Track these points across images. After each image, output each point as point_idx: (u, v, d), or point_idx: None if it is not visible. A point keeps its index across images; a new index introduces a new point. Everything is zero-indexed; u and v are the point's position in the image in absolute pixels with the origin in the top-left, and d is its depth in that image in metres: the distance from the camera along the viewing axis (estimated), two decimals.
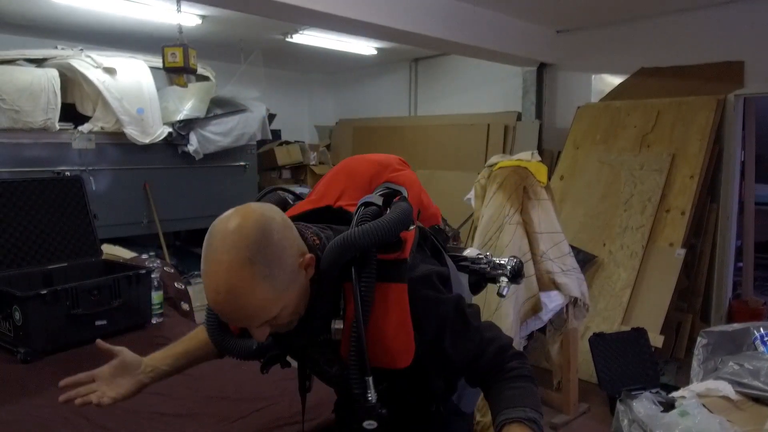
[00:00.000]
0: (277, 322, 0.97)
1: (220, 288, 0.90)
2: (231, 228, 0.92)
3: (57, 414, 1.71)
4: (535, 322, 3.10)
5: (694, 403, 1.67)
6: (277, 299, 0.94)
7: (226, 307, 0.92)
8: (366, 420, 0.98)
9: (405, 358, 1.00)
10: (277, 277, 0.92)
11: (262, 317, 0.94)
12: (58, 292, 2.20)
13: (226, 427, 1.65)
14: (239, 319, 0.96)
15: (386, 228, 0.99)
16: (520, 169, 3.19)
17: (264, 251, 0.91)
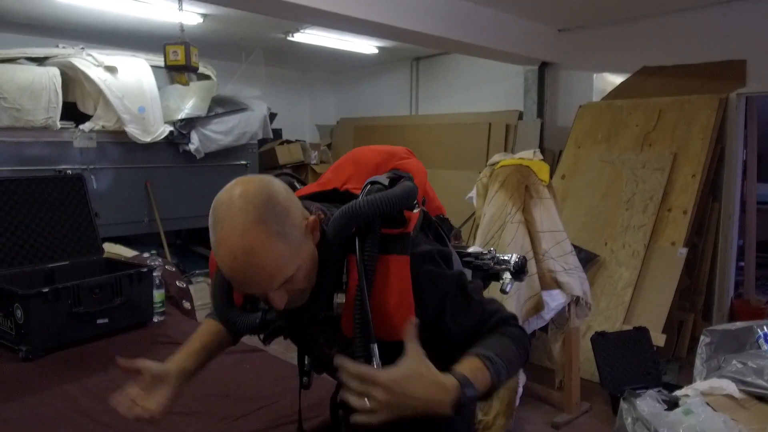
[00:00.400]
0: (294, 286, 0.98)
1: (236, 252, 0.90)
2: (235, 195, 0.93)
3: (58, 412, 1.71)
4: (537, 321, 3.10)
5: (698, 401, 1.67)
6: (293, 256, 0.95)
7: (244, 270, 0.92)
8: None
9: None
10: (290, 234, 0.94)
11: (280, 277, 0.94)
12: (60, 291, 2.20)
13: (227, 425, 1.64)
14: (258, 281, 0.94)
15: (391, 200, 1.01)
16: (522, 167, 3.19)
17: (272, 209, 0.93)
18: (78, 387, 1.88)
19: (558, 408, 3.37)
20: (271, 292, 0.97)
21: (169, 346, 2.28)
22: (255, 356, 2.18)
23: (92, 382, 1.93)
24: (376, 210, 1.00)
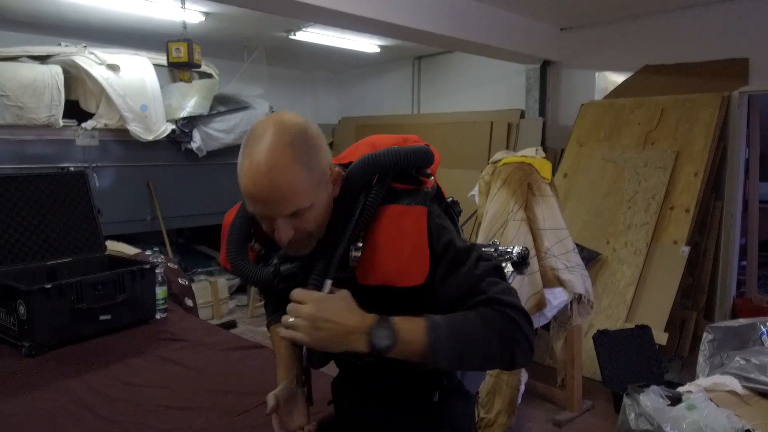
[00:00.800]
0: (302, 223, 1.00)
1: (261, 167, 0.94)
2: (274, 120, 0.99)
3: (62, 407, 1.71)
4: (539, 319, 3.09)
5: (701, 396, 1.66)
6: (310, 190, 0.98)
7: (263, 185, 0.95)
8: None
9: (419, 276, 1.01)
10: (313, 169, 0.98)
11: (294, 202, 0.97)
12: (63, 287, 2.20)
13: (230, 420, 1.64)
14: (273, 200, 0.96)
15: (409, 153, 1.07)
16: (524, 165, 3.19)
17: (303, 140, 0.98)
18: (81, 382, 1.88)
19: (560, 406, 3.37)
20: (280, 219, 0.98)
21: (172, 342, 2.29)
22: (258, 353, 2.18)
23: (95, 377, 1.93)
24: (394, 159, 1.05)
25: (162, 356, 2.12)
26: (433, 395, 1.23)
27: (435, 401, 1.23)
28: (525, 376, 3.11)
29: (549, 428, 3.21)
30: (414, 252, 1.01)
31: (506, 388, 2.94)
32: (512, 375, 2.96)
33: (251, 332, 4.64)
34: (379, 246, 1.04)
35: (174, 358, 2.09)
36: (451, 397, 1.24)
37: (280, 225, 0.99)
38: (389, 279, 1.02)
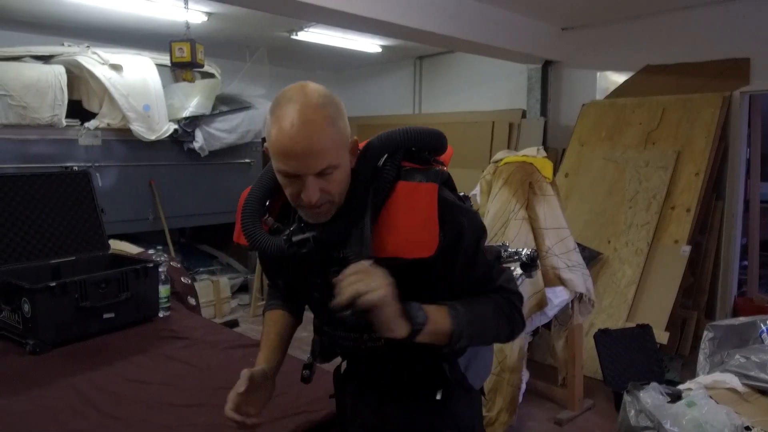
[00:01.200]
0: (329, 184, 1.03)
1: (295, 122, 0.98)
2: (300, 86, 1.04)
3: (66, 404, 1.72)
4: (540, 318, 3.11)
5: (701, 393, 1.67)
6: (339, 149, 1.03)
7: (300, 139, 0.98)
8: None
9: (430, 247, 1.04)
10: (341, 130, 1.04)
11: (326, 158, 1.00)
12: (67, 285, 2.22)
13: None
14: (308, 154, 0.99)
15: (423, 132, 1.14)
16: (525, 164, 3.20)
17: (332, 103, 1.03)
18: (85, 380, 1.90)
19: (561, 405, 3.38)
20: (310, 177, 1.01)
21: (175, 340, 2.30)
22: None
23: (99, 375, 1.94)
24: (408, 136, 1.12)
25: (165, 354, 2.14)
26: (435, 394, 1.23)
27: (438, 400, 1.23)
28: (526, 374, 3.12)
29: (550, 427, 3.22)
30: (424, 225, 1.05)
31: (507, 387, 2.95)
32: (513, 374, 2.97)
33: (253, 331, 4.66)
34: (391, 220, 1.07)
35: (177, 356, 2.10)
36: (454, 395, 1.25)
37: (310, 183, 1.01)
38: (399, 251, 1.05)
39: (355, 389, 1.35)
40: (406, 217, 1.07)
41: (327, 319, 1.25)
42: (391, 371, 1.24)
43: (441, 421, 1.26)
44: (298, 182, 1.03)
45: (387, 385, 1.26)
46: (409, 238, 1.06)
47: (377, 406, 1.28)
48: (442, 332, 1.04)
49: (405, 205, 1.07)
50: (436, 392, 1.23)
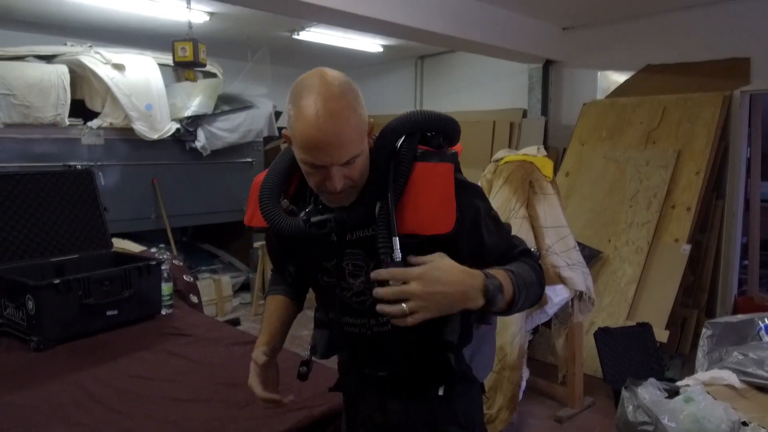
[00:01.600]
0: (352, 171, 1.05)
1: (320, 112, 0.98)
2: (319, 73, 1.03)
3: (70, 399, 1.75)
4: (541, 316, 3.12)
5: (698, 389, 1.69)
6: (362, 137, 1.04)
7: (327, 130, 0.98)
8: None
9: (448, 224, 1.07)
10: (361, 116, 1.04)
11: (350, 149, 1.02)
12: (71, 282, 2.24)
13: (235, 412, 1.67)
14: (332, 146, 1.00)
15: (438, 115, 1.16)
16: (526, 163, 3.21)
17: (351, 90, 1.03)
18: (89, 375, 1.92)
19: (561, 402, 3.40)
20: (334, 167, 1.02)
21: (177, 337, 2.32)
22: None
23: (103, 371, 1.96)
24: (425, 118, 1.14)
25: (168, 350, 2.16)
26: (438, 389, 1.24)
27: (440, 395, 1.24)
28: (526, 372, 3.14)
29: (550, 424, 3.23)
30: (442, 202, 1.08)
31: (508, 385, 2.97)
32: (514, 371, 2.99)
33: (255, 330, 4.66)
34: (410, 199, 1.09)
35: (180, 352, 2.13)
36: (455, 390, 1.25)
37: (335, 173, 1.03)
38: (419, 228, 1.08)
39: (358, 386, 1.35)
40: (425, 196, 1.09)
41: (334, 305, 1.26)
42: (395, 360, 1.24)
43: (443, 416, 1.27)
44: (322, 171, 1.04)
45: (390, 378, 1.27)
46: (428, 215, 1.08)
47: (380, 403, 1.29)
48: (507, 299, 1.06)
49: (423, 184, 1.10)
50: (438, 387, 1.24)
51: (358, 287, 1.19)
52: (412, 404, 1.27)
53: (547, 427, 3.22)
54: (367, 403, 1.33)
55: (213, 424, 1.61)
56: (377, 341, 1.23)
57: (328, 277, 1.23)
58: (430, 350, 1.21)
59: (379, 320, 1.19)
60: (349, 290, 1.20)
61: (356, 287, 1.19)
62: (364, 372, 1.31)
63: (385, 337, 1.21)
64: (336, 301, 1.24)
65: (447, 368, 1.21)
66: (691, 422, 1.55)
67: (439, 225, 1.07)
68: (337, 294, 1.23)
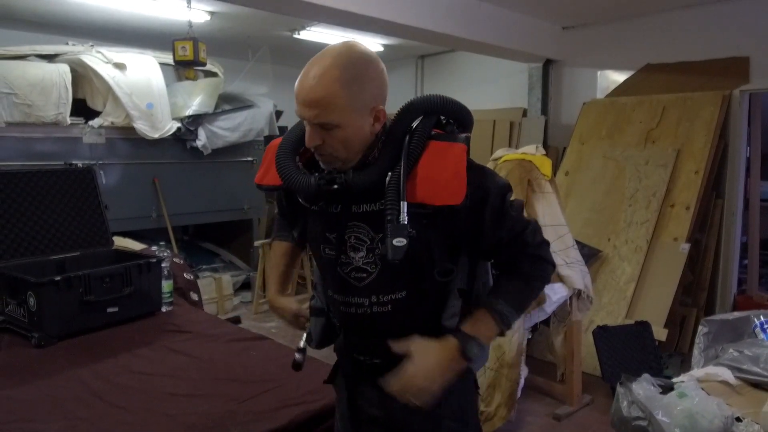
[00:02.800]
0: (330, 139, 1.11)
1: (309, 73, 1.10)
2: (343, 44, 1.15)
3: (71, 394, 1.77)
4: (539, 314, 3.13)
5: (692, 385, 1.70)
6: (343, 111, 1.09)
7: (304, 88, 1.09)
8: (396, 237, 1.07)
9: (459, 196, 1.11)
10: (354, 95, 1.09)
11: (323, 113, 1.08)
12: (71, 279, 2.26)
13: (235, 406, 1.69)
14: (307, 101, 1.09)
15: (457, 103, 1.21)
16: (524, 162, 3.22)
17: (355, 68, 1.10)
18: (89, 371, 1.94)
19: (559, 400, 3.41)
20: (309, 124, 1.12)
21: (177, 334, 2.34)
22: (260, 344, 2.24)
23: (103, 366, 1.99)
24: (443, 103, 1.19)
25: (168, 347, 2.18)
26: None
27: None
28: (525, 370, 3.15)
29: (548, 422, 3.25)
30: (453, 176, 1.12)
31: (506, 382, 2.98)
32: (512, 369, 3.00)
33: (256, 328, 4.69)
34: (422, 170, 1.13)
35: (180, 349, 2.15)
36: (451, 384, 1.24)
37: (309, 129, 1.12)
38: (428, 198, 1.11)
39: (353, 380, 1.34)
40: (437, 169, 1.13)
41: (334, 282, 1.27)
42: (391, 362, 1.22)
43: (441, 411, 1.27)
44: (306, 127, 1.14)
45: (384, 366, 1.23)
46: (438, 186, 1.12)
47: (378, 399, 1.28)
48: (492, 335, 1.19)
49: (436, 160, 1.14)
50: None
51: (358, 262, 1.20)
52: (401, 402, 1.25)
53: (545, 424, 3.23)
54: (363, 399, 1.33)
55: (212, 418, 1.63)
56: (375, 322, 1.23)
57: (330, 250, 1.24)
58: (432, 336, 1.21)
59: (380, 299, 1.21)
60: (348, 265, 1.21)
61: (356, 262, 1.20)
62: (358, 361, 1.30)
63: (384, 318, 1.22)
64: (335, 277, 1.25)
65: None
66: (684, 417, 1.56)
67: (448, 196, 1.10)
68: (336, 269, 1.24)
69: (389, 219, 1.08)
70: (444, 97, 1.20)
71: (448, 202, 1.10)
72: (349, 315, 1.26)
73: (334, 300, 1.28)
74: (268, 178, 1.28)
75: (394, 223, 1.07)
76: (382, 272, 1.18)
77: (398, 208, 1.08)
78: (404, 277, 1.17)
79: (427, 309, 1.22)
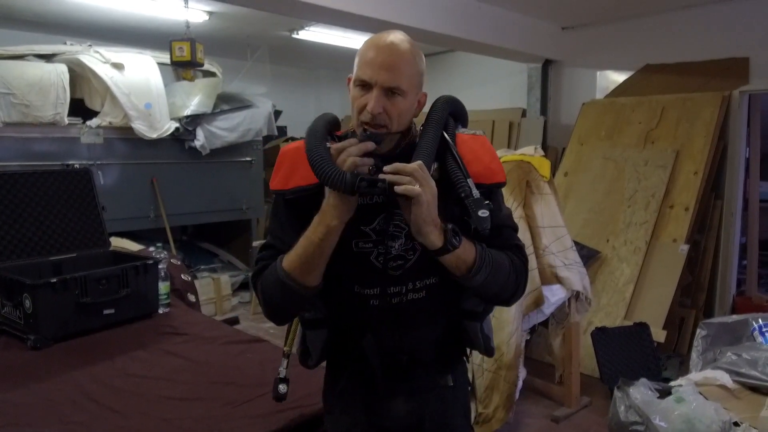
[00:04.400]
0: (391, 106, 1.12)
1: (387, 40, 1.14)
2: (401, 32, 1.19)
3: (66, 397, 1.76)
4: (538, 316, 3.13)
5: (690, 389, 1.69)
6: (411, 79, 1.14)
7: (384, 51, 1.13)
8: (480, 209, 1.11)
9: (502, 175, 1.22)
10: (418, 72, 1.17)
11: (398, 78, 1.12)
12: (68, 281, 2.25)
13: (230, 410, 1.68)
14: (385, 66, 1.11)
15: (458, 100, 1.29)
16: (523, 163, 3.21)
17: (417, 49, 1.18)
18: (85, 374, 1.93)
19: (558, 402, 3.40)
20: (378, 88, 1.11)
21: (174, 336, 2.33)
22: (258, 346, 2.23)
23: (99, 369, 1.98)
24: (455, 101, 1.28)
25: (164, 349, 2.17)
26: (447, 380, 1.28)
27: (450, 386, 1.28)
28: (523, 372, 3.14)
29: (547, 424, 3.24)
30: (492, 159, 1.22)
31: (504, 384, 2.97)
32: (510, 371, 2.99)
33: (254, 329, 4.69)
34: (467, 155, 1.19)
35: (176, 351, 2.14)
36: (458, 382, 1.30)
37: (377, 94, 1.11)
38: (483, 177, 1.18)
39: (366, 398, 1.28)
40: (477, 154, 1.20)
41: (365, 276, 1.20)
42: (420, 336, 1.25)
43: (454, 410, 1.30)
44: (367, 95, 1.12)
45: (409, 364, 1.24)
46: (486, 167, 1.19)
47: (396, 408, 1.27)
48: (465, 260, 1.12)
49: (470, 147, 1.21)
50: (447, 377, 1.28)
51: (397, 250, 1.19)
52: (426, 402, 1.27)
53: (543, 426, 3.22)
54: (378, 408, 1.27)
55: (208, 422, 1.62)
56: (407, 312, 1.22)
57: (364, 243, 1.18)
58: (453, 324, 1.27)
59: (416, 285, 1.21)
60: (385, 255, 1.19)
61: (395, 250, 1.19)
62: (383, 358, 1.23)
63: (418, 305, 1.22)
64: (369, 270, 1.19)
65: (461, 347, 1.30)
66: (682, 422, 1.55)
67: (496, 176, 1.21)
68: (372, 261, 1.19)
69: (464, 195, 1.12)
70: (454, 97, 1.29)
71: (498, 180, 1.21)
72: (380, 309, 1.21)
73: (362, 296, 1.21)
74: (296, 179, 1.17)
75: (472, 198, 1.12)
76: (420, 258, 1.19)
77: (468, 185, 1.13)
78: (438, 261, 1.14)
79: (453, 293, 1.24)
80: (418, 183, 1.04)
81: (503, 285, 1.20)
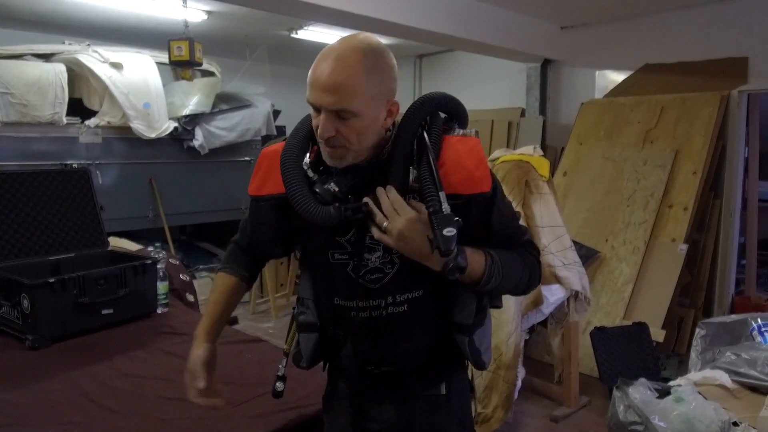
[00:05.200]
0: (345, 129, 1.06)
1: (329, 57, 1.05)
2: (363, 34, 1.10)
3: (64, 397, 1.75)
4: (537, 315, 3.13)
5: (689, 389, 1.69)
6: (362, 98, 1.04)
7: (324, 70, 1.03)
8: (445, 228, 1.02)
9: (486, 184, 1.11)
10: (373, 83, 1.05)
11: (344, 100, 1.03)
12: (66, 281, 2.25)
13: (229, 410, 1.68)
14: (331, 85, 1.03)
15: (452, 97, 1.19)
16: (522, 163, 3.21)
17: (374, 56, 1.06)
18: (84, 374, 1.93)
19: (557, 402, 3.40)
20: (324, 112, 1.05)
21: (172, 336, 2.33)
22: (257, 346, 2.23)
23: (97, 369, 1.97)
24: (445, 99, 1.17)
25: (163, 349, 2.17)
26: (440, 388, 1.25)
27: (443, 395, 1.24)
28: (522, 372, 3.14)
29: (546, 423, 3.24)
30: (477, 165, 1.11)
31: (503, 384, 2.97)
32: (509, 371, 2.99)
33: (253, 328, 4.68)
34: (448, 162, 1.11)
35: (174, 351, 2.13)
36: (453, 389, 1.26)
37: (324, 117, 1.05)
38: (461, 187, 1.09)
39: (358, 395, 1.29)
40: (461, 161, 1.11)
41: (343, 288, 1.20)
42: (405, 349, 1.21)
43: (448, 418, 1.26)
44: (319, 117, 1.07)
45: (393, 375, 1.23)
46: (467, 176, 1.10)
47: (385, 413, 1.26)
48: (473, 277, 1.10)
49: (456, 152, 1.12)
50: (440, 385, 1.24)
51: (374, 263, 1.16)
52: (415, 409, 1.25)
53: (542, 426, 3.23)
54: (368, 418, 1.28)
55: (207, 422, 1.62)
56: (389, 325, 1.19)
57: (340, 254, 1.18)
58: (442, 335, 1.22)
59: (396, 299, 1.17)
60: (362, 267, 1.16)
61: (371, 263, 1.16)
62: (366, 370, 1.25)
63: (399, 319, 1.18)
64: (346, 282, 1.19)
65: (457, 355, 1.23)
66: (681, 422, 1.55)
67: (478, 185, 1.10)
68: (348, 273, 1.18)
69: (432, 211, 1.03)
70: (444, 94, 1.19)
71: (479, 191, 1.10)
72: (361, 321, 1.20)
73: (342, 308, 1.21)
74: (268, 187, 1.19)
75: (439, 214, 1.02)
76: (399, 271, 1.15)
77: (438, 198, 1.04)
78: (424, 274, 1.11)
79: (442, 305, 1.20)
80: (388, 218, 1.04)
81: (516, 284, 1.20)
